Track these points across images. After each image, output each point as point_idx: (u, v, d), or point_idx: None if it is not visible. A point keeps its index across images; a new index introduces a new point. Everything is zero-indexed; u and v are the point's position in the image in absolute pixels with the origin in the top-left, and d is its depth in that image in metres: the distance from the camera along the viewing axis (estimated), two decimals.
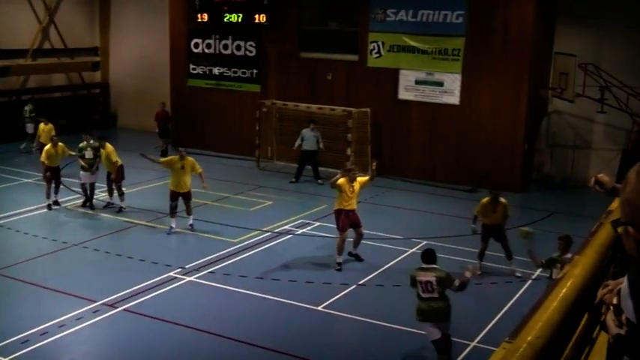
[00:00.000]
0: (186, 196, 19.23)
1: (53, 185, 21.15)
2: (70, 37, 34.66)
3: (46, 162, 21.00)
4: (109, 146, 21.08)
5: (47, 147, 21.20)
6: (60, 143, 21.28)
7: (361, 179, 16.85)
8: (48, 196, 21.03)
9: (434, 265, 11.63)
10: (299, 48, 27.43)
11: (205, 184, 19.46)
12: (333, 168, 25.45)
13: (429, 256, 11.72)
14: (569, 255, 11.86)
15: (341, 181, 16.42)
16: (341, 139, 25.36)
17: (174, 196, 19.12)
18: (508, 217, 16.50)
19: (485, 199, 16.52)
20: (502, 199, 16.39)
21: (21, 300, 14.68)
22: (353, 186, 16.44)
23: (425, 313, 11.37)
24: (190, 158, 19.36)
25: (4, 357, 12.13)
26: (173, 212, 19.11)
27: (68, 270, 16.47)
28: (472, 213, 16.75)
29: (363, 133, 25.72)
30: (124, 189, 21.23)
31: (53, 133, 24.76)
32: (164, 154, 28.08)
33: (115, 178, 20.97)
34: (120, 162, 20.96)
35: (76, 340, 12.97)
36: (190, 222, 19.26)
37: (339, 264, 16.31)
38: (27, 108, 29.47)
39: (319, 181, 24.60)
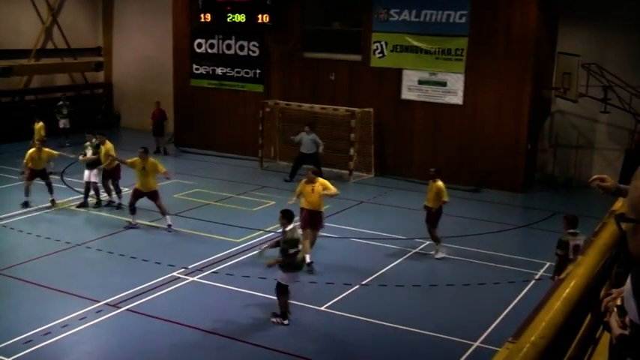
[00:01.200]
0: (152, 196, 19.43)
1: (45, 185, 21.35)
2: (73, 37, 34.69)
3: (29, 165, 21.12)
4: (108, 143, 21.14)
5: (31, 151, 21.25)
6: (45, 148, 21.39)
7: (323, 182, 16.91)
8: (27, 194, 21.18)
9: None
10: (302, 48, 27.43)
11: (168, 175, 20.38)
12: (337, 168, 25.58)
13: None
14: (577, 233, 12.97)
15: (300, 185, 16.89)
16: (344, 139, 25.38)
17: (136, 194, 19.41)
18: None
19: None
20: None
21: (24, 300, 14.69)
22: (313, 188, 16.53)
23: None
24: (152, 159, 19.55)
25: (7, 357, 12.13)
26: (132, 209, 19.46)
27: (71, 270, 16.47)
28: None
29: (366, 133, 25.74)
30: (121, 187, 21.36)
31: (43, 133, 24.91)
32: (159, 152, 28.31)
33: (114, 177, 21.09)
34: (116, 161, 21.07)
35: (80, 340, 12.96)
36: (168, 222, 19.33)
37: (308, 264, 16.24)
38: (61, 104, 29.65)
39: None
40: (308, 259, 16.17)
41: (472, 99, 24.54)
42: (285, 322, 13.47)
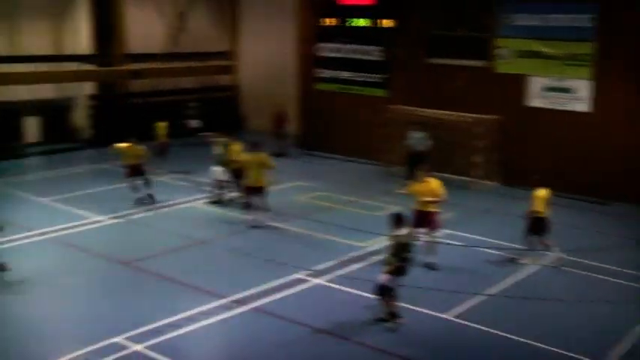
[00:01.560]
0: (260, 192, 19.96)
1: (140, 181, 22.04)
2: (201, 41, 35.49)
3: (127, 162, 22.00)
4: (236, 145, 21.52)
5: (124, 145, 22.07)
6: (139, 146, 22.08)
7: (435, 186, 16.98)
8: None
9: None
10: (426, 53, 27.19)
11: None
12: (461, 176, 25.18)
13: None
14: None
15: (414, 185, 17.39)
16: (468, 147, 24.96)
17: (249, 191, 19.99)
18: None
19: None
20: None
21: (154, 292, 15.13)
22: (426, 188, 16.90)
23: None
24: (263, 154, 20.00)
25: (136, 344, 12.49)
26: (247, 206, 20.02)
27: (199, 266, 16.83)
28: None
29: (491, 141, 25.25)
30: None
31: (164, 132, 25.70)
32: (278, 155, 28.62)
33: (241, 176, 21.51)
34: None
35: (206, 334, 13.22)
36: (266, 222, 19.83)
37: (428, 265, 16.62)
38: (191, 105, 30.64)
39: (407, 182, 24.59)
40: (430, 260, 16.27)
41: (600, 107, 23.67)
42: (397, 321, 13.38)
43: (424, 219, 16.63)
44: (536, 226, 17.20)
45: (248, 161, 19.87)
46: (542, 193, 17.23)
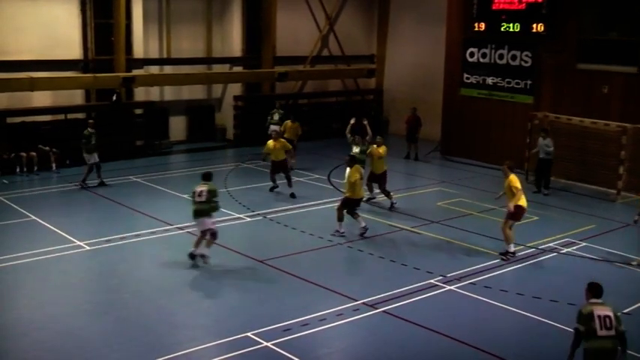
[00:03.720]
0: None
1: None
2: (348, 45, 35.85)
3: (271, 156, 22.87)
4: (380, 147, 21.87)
5: (269, 142, 22.90)
6: (281, 139, 23.10)
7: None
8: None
9: (602, 300, 10.37)
10: (576, 59, 26.36)
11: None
12: (604, 187, 24.33)
13: (600, 289, 10.46)
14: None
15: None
16: (613, 157, 23.99)
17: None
18: None
19: None
20: None
21: (286, 290, 15.26)
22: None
23: (597, 355, 10.02)
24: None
25: (267, 341, 12.62)
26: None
27: (332, 267, 16.91)
28: None
29: (638, 151, 24.19)
30: (389, 191, 21.92)
31: (299, 132, 25.77)
32: (409, 157, 28.60)
33: (382, 181, 21.71)
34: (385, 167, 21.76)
35: (335, 335, 13.22)
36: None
37: None
38: (275, 111, 29.98)
39: (546, 191, 24.15)
40: None
41: None
42: None
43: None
44: None
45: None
46: None
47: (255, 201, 22.21)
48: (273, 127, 29.00)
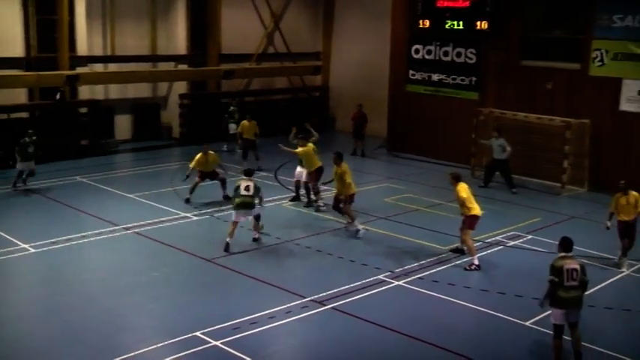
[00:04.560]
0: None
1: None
2: (293, 42, 35.83)
3: (197, 168, 22.01)
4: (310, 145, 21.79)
5: (198, 156, 21.96)
6: (211, 152, 22.17)
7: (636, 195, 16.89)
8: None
9: (572, 254, 12.10)
10: (520, 56, 26.71)
11: None
12: (549, 181, 24.73)
13: (570, 244, 12.13)
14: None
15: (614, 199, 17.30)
16: (558, 151, 24.39)
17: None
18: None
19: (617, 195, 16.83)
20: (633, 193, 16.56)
21: (234, 289, 15.25)
22: (628, 200, 16.84)
23: (563, 302, 11.78)
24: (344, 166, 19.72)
25: (215, 340, 12.59)
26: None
27: (280, 265, 16.93)
28: None
29: (582, 146, 24.64)
30: (320, 188, 21.85)
31: (257, 131, 25.69)
32: (356, 154, 28.71)
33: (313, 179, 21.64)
34: (319, 164, 21.63)
35: (284, 332, 13.24)
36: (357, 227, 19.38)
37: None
38: (234, 110, 30.41)
39: (513, 190, 24.30)
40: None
41: None
42: None
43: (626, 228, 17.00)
44: (624, 231, 16.78)
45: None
46: (629, 198, 16.64)
47: (202, 200, 22.06)
48: (233, 127, 28.96)
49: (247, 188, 17.80)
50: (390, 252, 17.84)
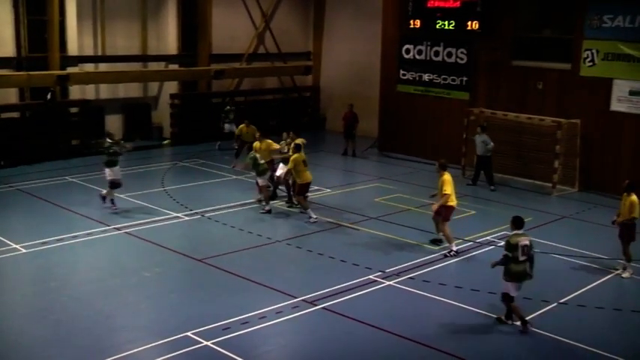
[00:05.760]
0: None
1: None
2: (284, 42, 35.83)
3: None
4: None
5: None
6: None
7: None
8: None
9: (523, 231, 13.33)
10: (511, 56, 26.77)
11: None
12: (540, 180, 24.81)
13: (522, 222, 13.38)
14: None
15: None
16: (549, 151, 24.49)
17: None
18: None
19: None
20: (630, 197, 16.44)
21: (225, 289, 15.24)
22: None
23: (519, 275, 13.05)
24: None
25: (206, 341, 12.60)
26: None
27: (271, 265, 16.89)
28: None
29: (572, 146, 24.71)
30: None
31: (257, 135, 25.55)
32: (346, 154, 28.76)
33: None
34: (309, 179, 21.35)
35: (275, 332, 13.24)
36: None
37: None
38: (230, 110, 30.50)
39: (492, 187, 24.49)
40: None
41: None
42: (526, 327, 13.39)
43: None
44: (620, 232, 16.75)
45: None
46: (630, 199, 16.54)
47: (193, 200, 22.07)
48: (228, 127, 28.91)
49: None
50: (381, 252, 17.87)
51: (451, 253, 17.43)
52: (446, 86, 28.85)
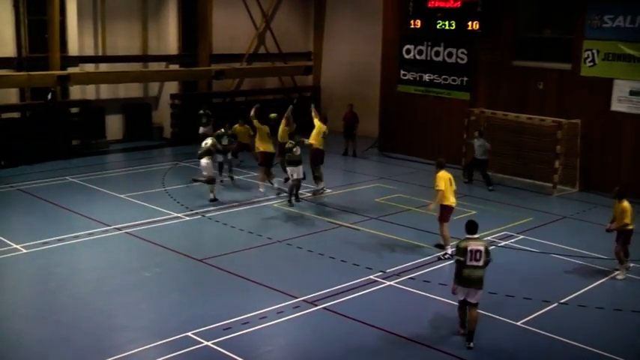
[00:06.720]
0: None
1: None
2: (284, 42, 35.83)
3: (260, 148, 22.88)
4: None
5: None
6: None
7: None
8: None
9: (477, 236, 13.05)
10: (511, 56, 26.77)
11: None
12: (540, 181, 24.81)
13: (475, 226, 13.10)
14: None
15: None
16: (549, 151, 24.50)
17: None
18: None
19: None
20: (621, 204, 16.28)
21: (226, 289, 15.24)
22: None
23: (466, 280, 12.77)
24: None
25: (207, 341, 12.60)
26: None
27: (272, 265, 16.90)
28: None
29: (573, 146, 24.72)
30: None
31: (251, 133, 25.49)
32: (347, 154, 28.78)
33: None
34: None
35: (276, 332, 13.24)
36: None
37: None
38: (203, 113, 29.60)
39: (490, 187, 24.50)
40: None
41: None
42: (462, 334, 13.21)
43: None
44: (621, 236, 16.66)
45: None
46: (620, 206, 16.42)
47: (193, 200, 22.07)
48: (202, 129, 28.63)
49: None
50: (382, 252, 17.86)
51: (445, 256, 17.35)
52: (446, 86, 28.85)
